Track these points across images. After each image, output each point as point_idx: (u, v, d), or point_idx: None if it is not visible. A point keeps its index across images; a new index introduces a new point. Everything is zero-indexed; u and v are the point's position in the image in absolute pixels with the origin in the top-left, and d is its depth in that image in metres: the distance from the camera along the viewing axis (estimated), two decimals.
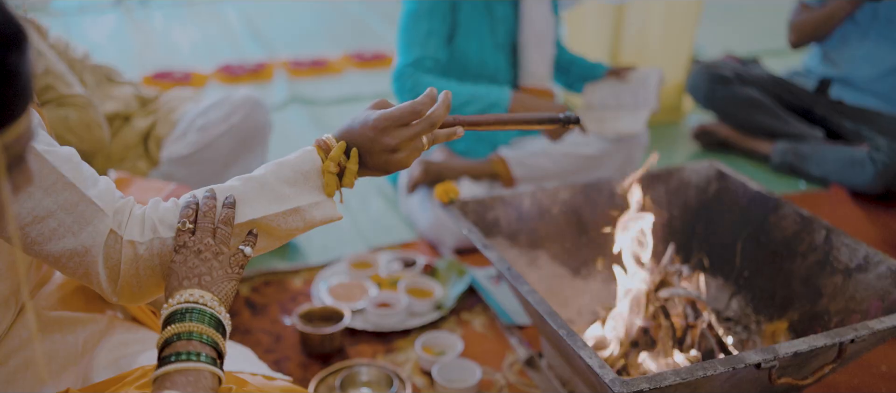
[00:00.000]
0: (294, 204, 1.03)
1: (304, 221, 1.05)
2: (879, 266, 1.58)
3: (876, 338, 1.44)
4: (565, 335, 1.32)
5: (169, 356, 0.89)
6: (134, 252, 1.00)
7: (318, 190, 1.05)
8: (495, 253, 1.57)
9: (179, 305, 0.93)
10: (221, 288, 0.97)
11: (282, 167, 1.05)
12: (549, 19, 2.48)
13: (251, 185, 1.04)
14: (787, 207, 1.80)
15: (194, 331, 0.91)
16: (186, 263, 0.96)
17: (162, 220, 1.02)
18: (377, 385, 1.75)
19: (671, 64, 3.40)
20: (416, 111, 1.05)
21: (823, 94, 3.01)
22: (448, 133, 1.10)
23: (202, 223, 1.00)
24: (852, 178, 2.72)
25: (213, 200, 1.02)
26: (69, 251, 0.98)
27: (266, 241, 1.06)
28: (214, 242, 0.99)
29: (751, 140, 3.09)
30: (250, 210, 1.02)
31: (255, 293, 2.13)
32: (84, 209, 0.97)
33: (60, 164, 0.96)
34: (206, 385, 0.88)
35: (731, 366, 1.25)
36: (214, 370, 0.90)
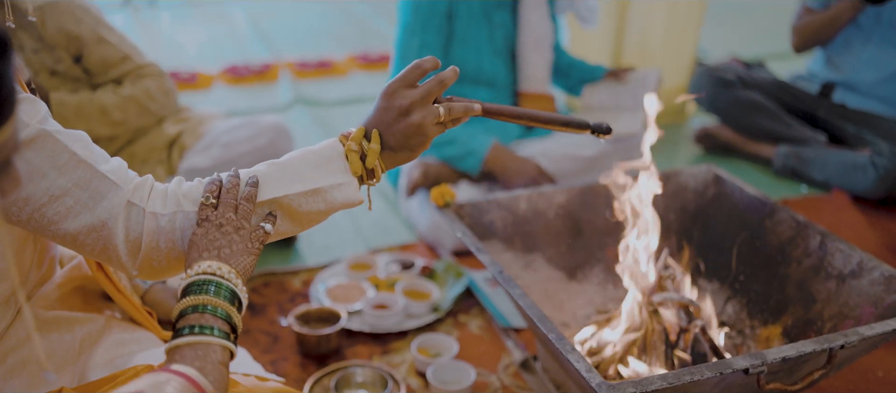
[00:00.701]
0: (316, 185, 1.04)
1: (325, 202, 1.05)
2: (873, 272, 1.58)
3: (867, 344, 1.44)
4: (555, 339, 1.33)
5: (182, 329, 0.90)
6: (156, 224, 1.00)
7: (340, 173, 1.05)
8: (488, 256, 1.58)
9: (197, 275, 0.94)
10: (240, 261, 0.97)
11: (306, 153, 1.06)
12: (547, 24, 2.49)
13: (275, 168, 1.05)
14: (783, 211, 1.80)
15: (209, 304, 0.91)
16: (207, 236, 0.97)
17: (186, 195, 1.03)
18: (372, 386, 1.76)
19: (674, 67, 3.40)
20: (420, 66, 1.05)
21: (826, 97, 3.00)
22: (465, 107, 1.09)
23: (225, 199, 1.01)
24: (854, 183, 2.71)
25: (236, 178, 1.04)
26: (87, 227, 0.98)
27: (288, 223, 1.06)
28: (236, 217, 1.00)
29: (753, 144, 3.09)
30: (272, 190, 1.03)
31: (255, 294, 2.14)
32: (98, 184, 0.98)
33: (72, 143, 0.98)
34: (215, 359, 0.88)
35: (718, 371, 1.25)
36: (225, 344, 0.90)
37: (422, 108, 1.05)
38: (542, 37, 2.49)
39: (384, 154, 1.07)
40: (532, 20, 2.47)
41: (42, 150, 0.96)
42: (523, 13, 2.46)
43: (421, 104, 1.04)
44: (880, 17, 2.80)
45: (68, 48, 2.11)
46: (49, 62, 2.10)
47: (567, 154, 2.46)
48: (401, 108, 1.04)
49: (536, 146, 2.49)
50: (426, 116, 1.04)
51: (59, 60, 2.11)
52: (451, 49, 2.43)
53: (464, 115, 1.09)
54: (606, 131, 1.23)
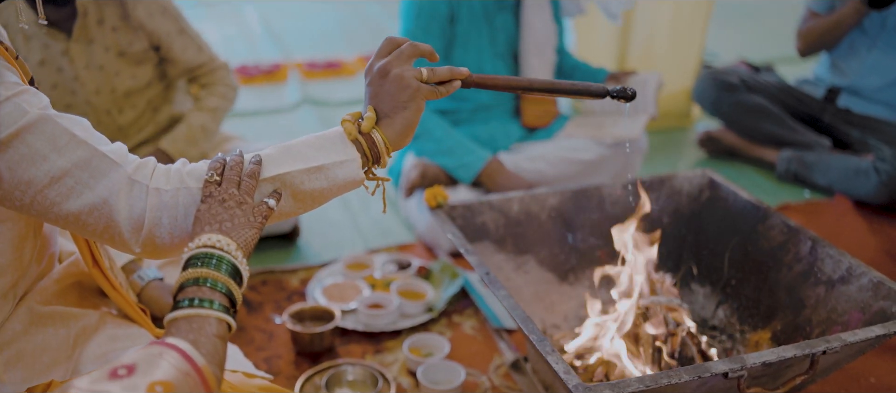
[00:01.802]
0: (319, 162, 1.06)
1: (327, 179, 1.07)
2: (862, 278, 1.58)
3: (852, 350, 1.44)
4: (536, 340, 1.34)
5: (181, 301, 0.91)
6: (159, 199, 1.02)
7: (342, 151, 1.07)
8: (476, 257, 1.59)
9: (198, 248, 0.95)
10: (242, 234, 0.98)
11: (309, 136, 1.09)
12: (549, 27, 2.50)
13: (279, 149, 1.08)
14: (775, 217, 1.80)
15: (209, 277, 0.92)
16: (210, 211, 0.99)
17: (190, 173, 1.04)
18: (362, 384, 1.78)
19: (679, 70, 3.40)
20: (392, 40, 1.10)
21: (831, 102, 2.99)
22: (451, 70, 1.11)
23: (228, 175, 1.03)
24: (856, 188, 2.70)
25: (240, 156, 1.06)
26: (89, 206, 1.00)
27: (290, 202, 1.08)
28: (239, 193, 1.01)
29: (757, 148, 3.08)
30: (276, 167, 1.05)
31: (253, 291, 2.17)
32: (98, 163, 1.00)
33: (72, 126, 1.00)
34: (211, 332, 0.89)
35: (696, 374, 1.26)
36: (222, 317, 0.91)
37: (398, 65, 1.08)
38: (545, 39, 2.50)
39: (382, 124, 1.09)
40: (534, 23, 2.48)
41: (42, 133, 0.98)
42: (525, 16, 2.47)
43: (396, 62, 1.08)
44: (885, 22, 2.78)
45: (151, 35, 2.20)
46: (124, 42, 2.17)
47: (566, 158, 2.47)
48: (380, 72, 1.08)
49: (537, 149, 2.50)
50: (404, 70, 1.08)
51: (134, 43, 2.18)
52: (452, 52, 2.45)
53: (450, 76, 1.11)
54: (630, 96, 1.17)
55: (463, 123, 2.57)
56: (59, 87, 2.15)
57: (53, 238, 1.30)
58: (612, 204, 1.97)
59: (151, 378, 0.80)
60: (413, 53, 1.10)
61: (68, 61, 2.13)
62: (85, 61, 2.14)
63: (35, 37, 2.09)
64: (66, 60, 2.12)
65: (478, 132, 2.54)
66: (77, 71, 2.14)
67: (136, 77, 2.23)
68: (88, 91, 2.17)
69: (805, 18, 2.95)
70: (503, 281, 1.87)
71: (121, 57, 2.18)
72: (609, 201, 1.96)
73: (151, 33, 2.19)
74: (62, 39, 2.11)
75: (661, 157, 3.22)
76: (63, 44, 2.11)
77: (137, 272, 1.82)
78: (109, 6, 2.13)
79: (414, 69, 1.09)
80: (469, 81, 1.13)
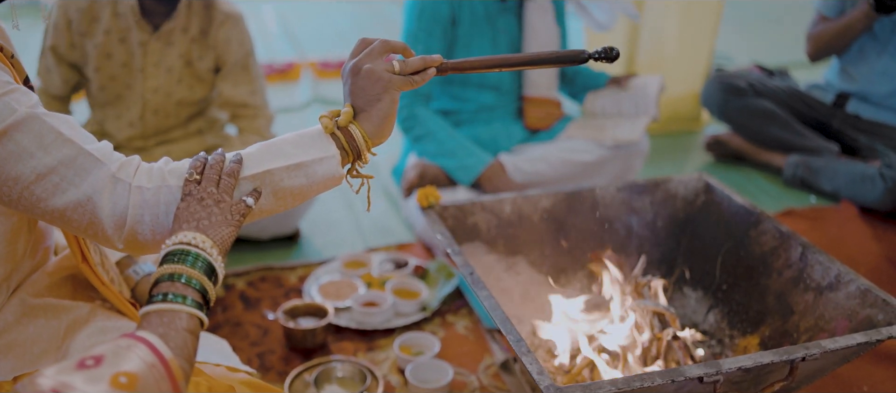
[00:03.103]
0: (299, 159, 1.08)
1: (307, 176, 1.09)
2: (849, 285, 1.57)
3: (835, 357, 1.43)
4: (513, 341, 1.35)
5: (155, 296, 0.94)
6: (141, 197, 1.04)
7: (322, 148, 1.10)
8: (462, 257, 1.60)
9: (174, 245, 0.97)
10: (218, 232, 1.01)
11: (287, 135, 1.12)
12: (552, 29, 2.50)
13: (258, 147, 1.10)
14: (768, 222, 1.79)
15: (183, 273, 0.95)
16: (188, 209, 1.02)
17: (171, 171, 1.07)
18: (351, 381, 1.80)
19: (689, 73, 3.38)
20: (364, 40, 1.13)
21: (840, 108, 2.96)
22: (423, 59, 1.14)
23: (208, 173, 1.05)
24: (862, 194, 2.67)
25: (221, 156, 1.09)
26: (73, 202, 1.02)
27: (271, 200, 1.10)
28: (217, 191, 1.04)
29: (764, 152, 3.05)
30: (256, 165, 1.08)
31: (250, 287, 2.20)
32: (83, 161, 1.03)
33: (60, 125, 1.03)
34: (181, 326, 0.91)
35: (670, 378, 1.26)
36: (193, 312, 0.93)
37: (369, 60, 1.11)
38: (548, 41, 2.51)
39: (360, 119, 1.11)
40: (537, 25, 2.49)
41: (29, 131, 1.01)
42: (528, 18, 2.48)
43: (367, 59, 1.11)
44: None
45: (218, 57, 2.28)
46: (195, 55, 2.25)
47: (566, 159, 2.47)
48: (352, 71, 1.11)
49: (537, 150, 2.51)
50: (376, 65, 1.10)
51: (204, 59, 2.27)
52: (454, 55, 2.46)
53: (422, 65, 1.13)
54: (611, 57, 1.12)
55: (465, 124, 2.58)
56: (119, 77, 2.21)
57: (49, 232, 1.33)
58: (605, 207, 1.97)
59: (117, 369, 0.82)
60: (384, 49, 1.12)
61: (142, 53, 2.19)
62: (156, 59, 2.21)
63: (123, 17, 2.14)
64: (140, 52, 2.19)
65: (480, 133, 2.55)
66: (146, 65, 2.21)
67: (193, 90, 2.31)
68: (147, 87, 2.23)
69: (815, 22, 2.92)
70: (493, 282, 1.88)
71: (187, 67, 2.26)
72: (602, 204, 1.97)
73: (220, 56, 2.27)
74: (147, 32, 2.17)
75: (668, 160, 3.21)
76: (145, 36, 2.18)
77: (133, 267, 1.85)
78: (197, 18, 2.21)
79: (386, 66, 1.11)
80: (444, 68, 1.15)
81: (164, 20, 2.19)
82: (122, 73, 2.21)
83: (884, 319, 1.48)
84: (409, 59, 1.13)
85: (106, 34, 2.15)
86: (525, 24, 2.49)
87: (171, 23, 2.18)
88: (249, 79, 2.34)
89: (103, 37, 2.15)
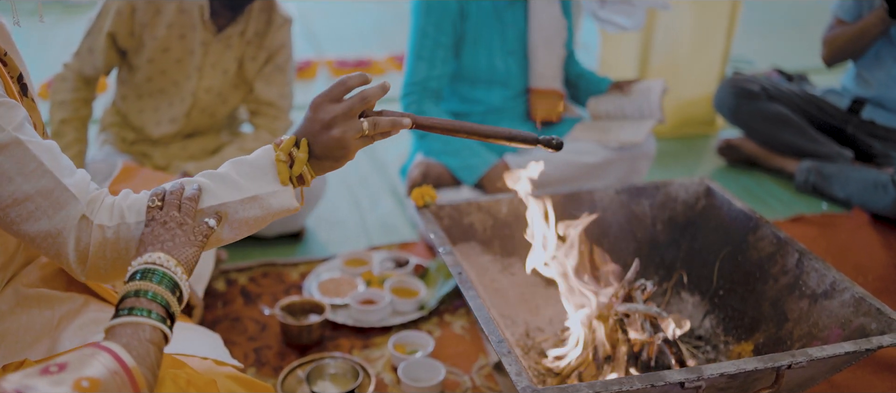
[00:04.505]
0: (253, 192, 1.11)
1: (262, 208, 1.12)
2: (844, 293, 1.54)
3: (825, 365, 1.42)
4: (494, 341, 1.35)
5: (121, 311, 0.97)
6: (103, 235, 1.08)
7: (275, 181, 1.12)
8: (452, 257, 1.60)
9: (140, 265, 1.01)
10: (182, 252, 1.04)
11: (241, 165, 1.14)
12: (558, 22, 2.50)
13: (214, 179, 1.12)
14: (766, 227, 1.77)
15: (149, 290, 0.98)
16: (153, 233, 1.05)
17: (130, 207, 1.10)
18: (343, 378, 1.81)
19: (703, 76, 3.35)
20: (345, 84, 1.11)
21: (856, 113, 2.91)
22: (393, 120, 1.13)
23: (169, 199, 1.08)
24: (874, 201, 2.62)
25: (180, 185, 1.11)
26: (44, 232, 1.07)
27: (227, 230, 1.13)
28: (180, 215, 1.07)
29: (777, 158, 3.01)
30: (213, 198, 1.11)
31: (252, 283, 2.22)
32: (59, 195, 1.06)
33: (41, 154, 1.06)
34: (145, 337, 0.94)
35: (649, 383, 1.25)
36: (156, 325, 0.96)
37: (343, 123, 1.10)
38: (553, 34, 2.51)
39: (311, 161, 1.14)
40: (542, 17, 2.49)
41: (12, 156, 1.04)
42: (533, 10, 2.48)
43: (343, 119, 1.10)
44: None
45: (269, 58, 2.33)
46: (248, 54, 2.30)
47: (570, 161, 2.46)
48: (324, 122, 1.10)
49: (541, 151, 2.50)
50: (347, 131, 1.10)
51: (255, 60, 2.31)
52: (462, 49, 2.47)
53: (392, 127, 1.13)
54: (557, 146, 1.22)
55: None
56: (169, 72, 2.24)
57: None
58: (604, 209, 1.96)
59: (80, 374, 0.85)
60: (361, 107, 1.11)
61: (202, 52, 2.23)
62: (215, 59, 2.25)
63: (188, 14, 2.18)
64: (200, 50, 2.22)
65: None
66: (204, 65, 2.24)
67: (239, 91, 2.36)
68: (201, 86, 2.27)
69: (831, 26, 2.88)
70: (488, 282, 1.88)
71: (239, 69, 2.31)
72: (600, 206, 1.96)
73: (270, 57, 2.32)
74: (211, 32, 2.21)
75: (680, 163, 3.19)
76: (209, 36, 2.21)
77: None
78: (255, 22, 2.26)
79: (357, 126, 1.11)
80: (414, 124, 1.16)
81: (229, 23, 2.22)
82: (173, 69, 2.24)
83: (877, 328, 1.45)
84: (380, 121, 1.13)
85: (168, 28, 2.17)
86: (531, 16, 2.49)
87: (234, 26, 2.22)
88: (283, 81, 2.36)
89: (165, 30, 2.17)
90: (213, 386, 1.22)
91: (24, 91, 1.23)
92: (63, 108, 2.20)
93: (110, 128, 2.35)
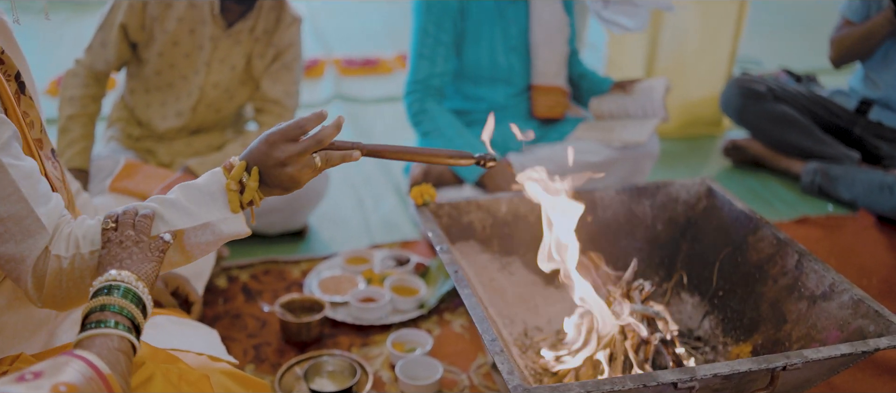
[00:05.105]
0: (205, 219, 1.14)
1: (214, 234, 1.16)
2: (843, 295, 1.53)
3: (821, 367, 1.41)
4: (488, 340, 1.35)
5: (88, 325, 0.99)
6: (59, 265, 1.11)
7: (226, 208, 1.16)
8: (449, 255, 1.60)
9: (101, 283, 1.03)
10: (141, 268, 1.06)
11: (191, 190, 1.16)
12: (560, 18, 2.50)
13: (166, 206, 1.15)
14: (766, 228, 1.76)
15: (112, 303, 1.00)
16: (110, 253, 1.07)
17: (84, 236, 1.12)
18: (341, 375, 1.81)
19: (710, 76, 3.33)
20: (302, 126, 1.15)
21: (863, 114, 2.89)
22: (343, 155, 1.18)
23: (123, 219, 1.11)
24: (880, 203, 2.60)
25: (133, 209, 1.14)
26: (8, 255, 1.09)
27: (179, 255, 1.17)
28: (135, 233, 1.09)
29: (783, 159, 3.00)
30: (165, 225, 1.13)
31: (254, 280, 2.23)
32: (30, 224, 1.09)
33: (20, 179, 1.08)
34: (113, 346, 0.96)
35: (642, 383, 1.25)
36: (123, 335, 0.98)
37: (297, 162, 1.15)
38: (555, 30, 2.51)
39: (260, 187, 1.17)
40: (544, 14, 2.49)
41: None
42: (535, 7, 2.49)
43: (297, 159, 1.15)
44: None
45: (277, 56, 2.34)
46: (256, 52, 2.32)
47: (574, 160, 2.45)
48: (279, 160, 1.14)
49: (545, 151, 2.50)
50: (301, 170, 1.15)
51: (263, 57, 2.33)
52: (464, 47, 2.47)
53: (342, 160, 1.18)
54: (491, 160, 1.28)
55: (478, 124, 2.58)
56: (178, 66, 2.26)
57: None
58: (604, 209, 1.95)
59: (56, 380, 0.86)
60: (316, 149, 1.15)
61: (211, 47, 2.24)
62: (223, 54, 2.27)
63: (198, 8, 2.19)
64: (209, 45, 2.24)
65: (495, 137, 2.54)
66: (212, 60, 2.26)
67: (246, 88, 2.37)
68: (208, 81, 2.28)
69: (839, 26, 2.86)
70: (487, 281, 1.88)
71: (247, 65, 2.32)
72: (601, 206, 1.95)
73: (278, 55, 2.33)
74: (220, 28, 2.23)
75: (686, 164, 3.17)
76: (218, 31, 2.23)
77: None
78: (265, 19, 2.28)
79: (310, 163, 1.15)
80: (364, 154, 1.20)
81: (239, 19, 2.24)
82: (182, 63, 2.26)
83: (875, 330, 1.44)
84: (332, 155, 1.17)
85: (178, 22, 2.19)
86: (532, 12, 2.49)
87: (243, 23, 2.24)
88: (290, 80, 2.37)
89: (175, 24, 2.19)
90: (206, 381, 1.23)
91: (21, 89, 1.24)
92: (72, 104, 2.22)
93: (117, 123, 2.37)
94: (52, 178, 1.24)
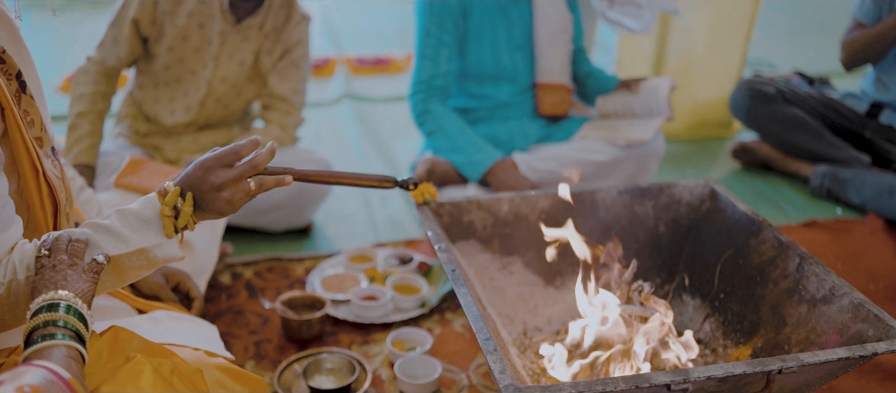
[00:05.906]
0: (138, 245, 1.15)
1: (147, 260, 1.17)
2: (843, 299, 1.52)
3: (819, 371, 1.39)
4: (482, 339, 1.35)
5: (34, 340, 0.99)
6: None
7: (160, 233, 1.17)
8: (447, 254, 1.61)
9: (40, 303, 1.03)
10: (77, 287, 1.06)
11: (126, 216, 1.17)
12: (563, 16, 2.50)
13: (100, 232, 1.15)
14: (768, 231, 1.75)
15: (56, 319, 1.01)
16: (43, 278, 1.07)
17: (21, 261, 1.12)
18: (340, 373, 1.82)
19: (720, 78, 3.31)
20: (237, 152, 1.17)
21: (874, 118, 2.86)
22: (276, 180, 1.21)
23: (56, 245, 1.11)
24: (889, 207, 2.57)
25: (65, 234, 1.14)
26: None
27: (113, 278, 1.18)
28: (68, 258, 1.10)
29: (792, 161, 2.97)
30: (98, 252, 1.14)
31: (257, 277, 2.24)
32: None
33: None
34: (62, 354, 0.97)
35: (634, 384, 1.24)
36: (71, 344, 0.99)
37: (233, 187, 1.17)
38: (559, 29, 2.50)
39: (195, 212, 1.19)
40: (547, 12, 2.49)
41: None
42: (539, 5, 2.48)
43: (232, 184, 1.17)
44: None
45: (285, 53, 2.36)
46: (265, 48, 2.34)
47: (579, 159, 2.45)
48: (214, 185, 1.16)
49: (549, 150, 2.50)
50: (235, 194, 1.17)
51: (271, 54, 2.35)
52: (467, 47, 2.47)
53: (276, 185, 1.21)
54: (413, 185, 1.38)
55: (482, 122, 2.58)
56: (187, 60, 2.28)
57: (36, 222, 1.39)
58: (606, 209, 1.95)
59: (20, 382, 0.88)
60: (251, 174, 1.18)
61: (220, 42, 2.27)
62: (232, 50, 2.29)
63: (208, 3, 2.22)
64: (218, 39, 2.26)
65: (496, 131, 2.55)
66: (221, 55, 2.28)
67: (254, 84, 2.39)
68: (216, 76, 2.31)
69: (850, 28, 2.83)
70: (487, 281, 1.88)
71: (256, 62, 2.34)
72: (602, 207, 1.95)
73: (286, 52, 2.35)
74: (230, 23, 2.25)
75: (694, 166, 3.16)
76: (227, 27, 2.25)
77: None
78: (274, 16, 2.30)
79: (244, 188, 1.18)
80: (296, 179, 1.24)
81: (248, 15, 2.26)
82: (191, 58, 2.27)
83: (874, 334, 1.43)
84: (266, 180, 1.20)
85: (188, 17, 2.21)
86: (535, 10, 2.49)
87: (253, 19, 2.25)
88: (298, 77, 2.39)
89: (186, 18, 2.21)
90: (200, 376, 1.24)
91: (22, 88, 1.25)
92: (82, 100, 2.24)
93: (125, 119, 2.39)
94: (51, 176, 1.25)
